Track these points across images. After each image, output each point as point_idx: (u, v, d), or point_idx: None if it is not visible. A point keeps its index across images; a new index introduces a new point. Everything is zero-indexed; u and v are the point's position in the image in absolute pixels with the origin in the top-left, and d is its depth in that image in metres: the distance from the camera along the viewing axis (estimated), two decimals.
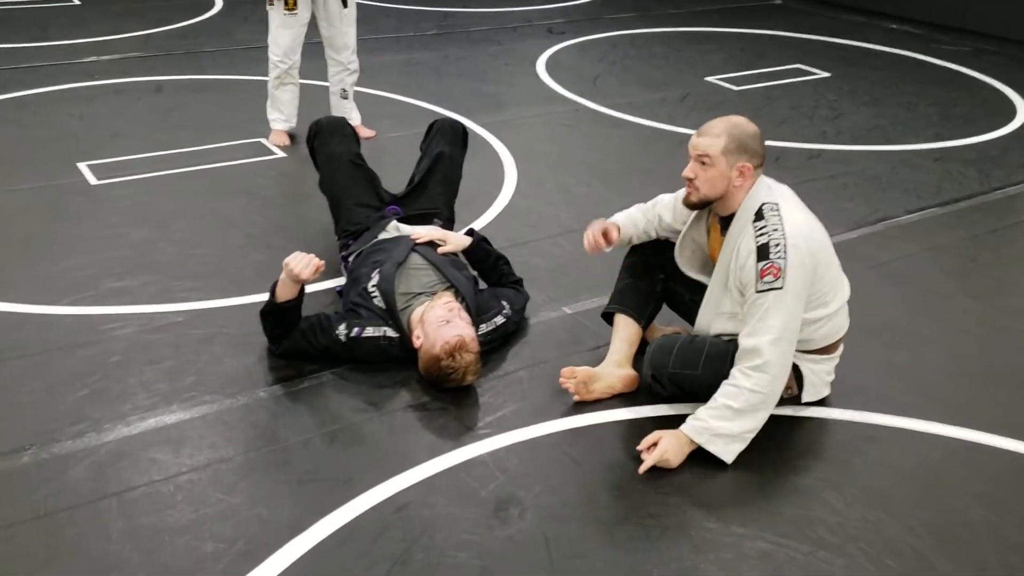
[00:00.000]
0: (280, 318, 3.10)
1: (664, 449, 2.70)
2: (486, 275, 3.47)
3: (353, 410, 2.94)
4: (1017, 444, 2.88)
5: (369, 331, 3.11)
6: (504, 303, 3.31)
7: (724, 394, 2.72)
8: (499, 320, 3.25)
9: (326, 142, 3.73)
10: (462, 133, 3.92)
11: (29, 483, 2.57)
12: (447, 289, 3.20)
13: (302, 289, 3.08)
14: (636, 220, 3.19)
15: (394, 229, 3.50)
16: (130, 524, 2.43)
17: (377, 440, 2.81)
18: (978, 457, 2.84)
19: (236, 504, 2.53)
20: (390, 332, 3.11)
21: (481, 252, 3.43)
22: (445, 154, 3.76)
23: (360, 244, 3.46)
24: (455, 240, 3.41)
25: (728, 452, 2.72)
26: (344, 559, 2.34)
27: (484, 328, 3.19)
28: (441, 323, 2.98)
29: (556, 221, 4.38)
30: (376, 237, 3.45)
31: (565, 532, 2.47)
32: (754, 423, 2.73)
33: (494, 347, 3.26)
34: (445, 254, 3.36)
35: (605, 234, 3.10)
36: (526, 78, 6.74)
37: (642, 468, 2.70)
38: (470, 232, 3.48)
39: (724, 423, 2.70)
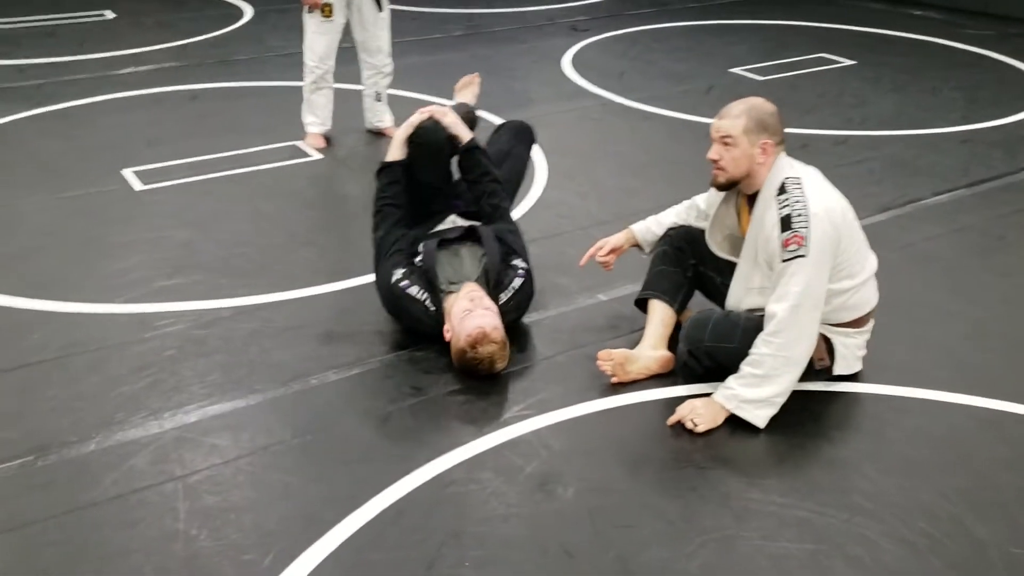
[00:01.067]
0: (392, 172, 3.54)
1: (694, 405, 2.86)
2: (471, 185, 3.59)
3: (401, 395, 3.06)
4: None
5: (414, 291, 3.27)
6: (517, 262, 3.42)
7: (749, 362, 2.85)
8: (517, 283, 3.36)
9: (423, 166, 3.61)
10: (529, 133, 4.05)
11: (98, 469, 2.71)
12: (477, 279, 3.31)
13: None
14: (653, 228, 3.41)
15: (450, 222, 3.61)
16: (196, 504, 2.56)
17: (425, 422, 2.94)
18: (1005, 425, 2.92)
19: (295, 483, 2.66)
20: (430, 304, 3.26)
21: (471, 160, 3.55)
22: (513, 152, 3.88)
23: (417, 233, 3.56)
24: (456, 123, 3.57)
25: (758, 417, 2.84)
26: (401, 532, 2.46)
27: (504, 296, 3.31)
28: (464, 315, 3.12)
29: (587, 212, 4.49)
30: (434, 228, 3.57)
31: (609, 504, 2.58)
32: (780, 387, 2.83)
33: (525, 321, 3.45)
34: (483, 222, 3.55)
35: (613, 251, 3.44)
36: (553, 75, 6.85)
37: (670, 420, 2.87)
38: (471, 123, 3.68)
39: (751, 390, 2.83)
